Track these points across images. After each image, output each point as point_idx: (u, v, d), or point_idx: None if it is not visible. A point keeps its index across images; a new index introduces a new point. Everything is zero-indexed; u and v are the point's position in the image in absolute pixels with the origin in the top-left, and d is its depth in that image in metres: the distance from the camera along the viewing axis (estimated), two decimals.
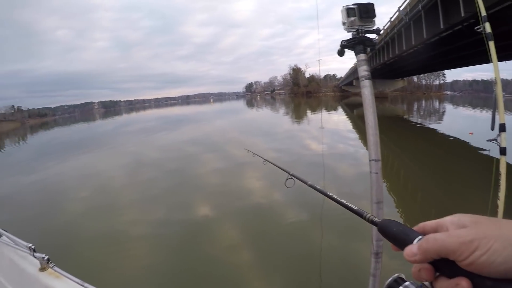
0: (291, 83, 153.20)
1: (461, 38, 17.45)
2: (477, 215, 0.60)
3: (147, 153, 17.83)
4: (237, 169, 12.23)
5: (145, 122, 47.85)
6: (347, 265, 5.41)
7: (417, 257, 0.60)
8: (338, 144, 17.25)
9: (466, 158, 13.21)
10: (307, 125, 29.42)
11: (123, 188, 11.01)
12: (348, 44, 1.71)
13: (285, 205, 8.18)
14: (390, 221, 0.75)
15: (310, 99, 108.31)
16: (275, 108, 66.09)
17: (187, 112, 72.08)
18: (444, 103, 64.56)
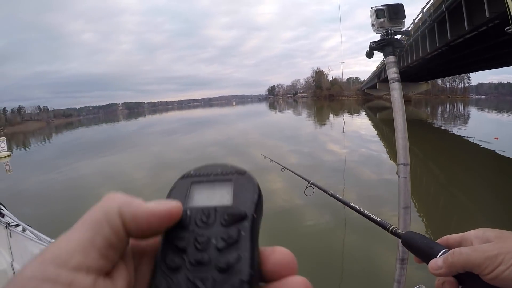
0: (314, 86, 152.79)
1: (486, 40, 17.11)
2: (501, 230, 0.61)
3: (169, 154, 18.05)
4: (258, 173, 12.20)
5: (168, 124, 48.41)
6: (370, 270, 5.34)
7: (442, 271, 0.60)
8: (360, 148, 17.05)
9: (489, 164, 12.90)
10: (330, 129, 29.27)
11: (144, 188, 11.17)
12: (377, 46, 1.70)
13: (306, 207, 8.13)
14: (414, 234, 0.75)
15: (332, 102, 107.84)
16: (297, 111, 66.03)
17: (210, 114, 72.69)
18: (469, 107, 63.18)
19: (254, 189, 0.38)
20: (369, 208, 1.23)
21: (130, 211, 0.33)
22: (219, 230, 0.34)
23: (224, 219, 0.35)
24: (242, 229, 0.34)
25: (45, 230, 2.43)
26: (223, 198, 0.37)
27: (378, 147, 18.06)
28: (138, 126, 50.38)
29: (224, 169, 0.41)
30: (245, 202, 0.36)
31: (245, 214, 0.35)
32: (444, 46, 20.34)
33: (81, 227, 0.31)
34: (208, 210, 0.36)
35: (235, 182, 0.39)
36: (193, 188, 0.39)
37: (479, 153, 15.59)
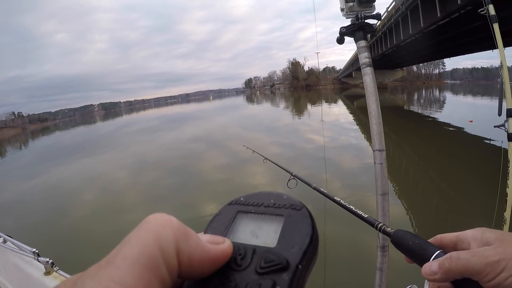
0: (290, 77, 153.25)
1: (459, 26, 17.37)
2: (501, 231, 0.56)
3: (149, 153, 17.83)
4: (240, 167, 12.20)
5: (145, 122, 47.83)
6: (353, 261, 5.40)
7: (438, 276, 0.55)
8: (340, 136, 17.22)
9: (468, 146, 13.18)
10: (308, 119, 29.40)
11: (126, 189, 10.99)
12: (347, 31, 1.65)
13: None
14: (405, 233, 0.69)
15: (309, 92, 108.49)
16: (275, 102, 66.16)
17: (188, 111, 72.15)
18: (444, 92, 64.49)
19: (308, 232, 0.31)
20: (352, 195, 1.23)
21: (188, 250, 0.28)
22: (251, 277, 0.28)
23: (260, 266, 0.29)
24: (278, 283, 0.27)
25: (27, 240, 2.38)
26: (268, 237, 0.32)
27: (357, 134, 18.28)
28: (116, 126, 49.58)
29: (277, 200, 0.35)
30: (291, 247, 0.30)
31: (287, 264, 0.28)
32: (418, 33, 20.62)
33: (132, 265, 0.25)
34: (246, 249, 0.31)
35: (286, 219, 0.33)
36: (238, 219, 0.35)
37: (455, 136, 15.92)
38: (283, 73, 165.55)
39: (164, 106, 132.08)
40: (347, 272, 5.08)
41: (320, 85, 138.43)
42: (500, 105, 3.26)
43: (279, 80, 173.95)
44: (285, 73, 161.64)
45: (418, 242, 0.63)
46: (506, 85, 3.23)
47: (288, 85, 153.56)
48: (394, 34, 25.38)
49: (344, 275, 5.04)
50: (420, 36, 21.54)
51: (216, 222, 0.36)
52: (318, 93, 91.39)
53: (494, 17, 3.30)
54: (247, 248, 0.31)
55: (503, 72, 3.28)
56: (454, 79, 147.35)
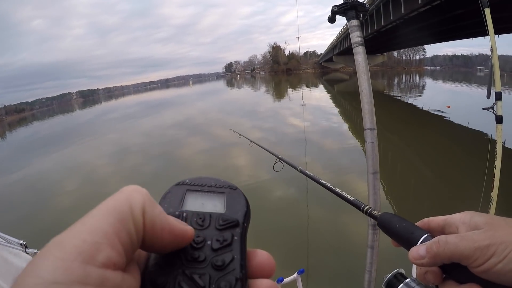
0: (271, 61, 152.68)
1: (440, 14, 17.53)
2: (491, 215, 0.55)
3: (130, 140, 17.63)
4: (223, 151, 12.18)
5: (125, 109, 47.08)
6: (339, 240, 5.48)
7: (425, 261, 0.54)
8: (321, 120, 17.37)
9: (450, 130, 13.46)
10: (289, 103, 29.50)
11: (109, 177, 10.88)
12: (339, 10, 1.63)
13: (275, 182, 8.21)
14: (392, 216, 0.68)
15: (290, 76, 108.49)
16: (255, 87, 66.06)
17: (167, 96, 71.47)
18: (424, 78, 65.48)
19: (244, 203, 0.41)
20: (336, 176, 1.23)
21: (152, 215, 0.32)
22: (214, 233, 0.37)
23: (219, 224, 0.38)
24: (235, 234, 0.37)
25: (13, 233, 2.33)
26: (217, 207, 0.40)
27: (338, 118, 18.47)
28: (95, 115, 48.65)
29: (217, 182, 0.43)
30: (236, 212, 0.39)
31: (237, 222, 0.38)
32: (399, 19, 20.71)
33: (105, 216, 0.29)
34: (204, 214, 0.39)
35: (227, 194, 0.42)
36: (188, 195, 0.41)
37: (433, 120, 16.23)
38: (264, 57, 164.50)
39: (144, 92, 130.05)
40: (330, 252, 5.17)
41: (300, 69, 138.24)
42: (489, 88, 3.31)
43: (259, 64, 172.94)
44: (266, 57, 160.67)
45: (405, 226, 0.62)
46: (495, 69, 3.26)
47: (269, 69, 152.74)
48: (375, 20, 25.44)
49: (327, 255, 5.14)
50: (401, 23, 21.68)
51: (168, 198, 0.41)
52: (298, 78, 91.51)
53: (486, 2, 3.29)
54: (204, 214, 0.39)
55: (493, 57, 3.28)
56: (434, 66, 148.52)
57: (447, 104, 18.87)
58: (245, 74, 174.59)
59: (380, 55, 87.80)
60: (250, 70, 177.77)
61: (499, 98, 3.23)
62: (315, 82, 62.12)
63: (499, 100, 3.23)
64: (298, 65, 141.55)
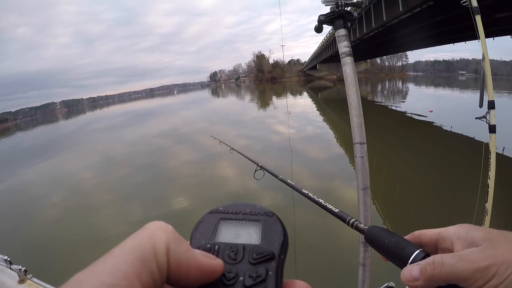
0: (256, 70, 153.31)
1: (421, 20, 17.84)
2: (487, 228, 0.51)
3: (116, 150, 17.41)
4: (208, 160, 12.15)
5: (110, 119, 46.58)
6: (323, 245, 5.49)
7: (419, 283, 0.50)
8: (307, 127, 17.46)
9: (424, 134, 13.65)
10: (274, 111, 29.57)
11: (95, 189, 10.65)
12: (326, 19, 1.58)
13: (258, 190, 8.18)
14: (381, 230, 0.63)
15: (275, 84, 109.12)
16: (240, 95, 66.28)
17: (152, 106, 70.99)
18: (407, 83, 66.47)
19: (281, 231, 0.39)
20: (322, 183, 1.22)
21: (177, 253, 0.31)
22: (247, 267, 0.34)
23: (252, 258, 0.35)
24: (270, 269, 0.34)
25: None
26: (251, 237, 0.38)
27: (323, 124, 18.59)
28: (79, 125, 48.02)
29: (252, 209, 0.41)
30: (272, 243, 0.37)
31: (273, 255, 0.35)
32: (380, 27, 21.07)
33: (126, 255, 0.28)
34: (237, 247, 0.37)
35: (263, 222, 0.40)
36: (222, 225, 0.40)
37: (416, 125, 16.47)
38: (249, 66, 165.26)
39: (128, 102, 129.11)
40: (319, 266, 5.16)
41: (285, 77, 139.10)
42: (482, 97, 3.27)
43: (244, 73, 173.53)
44: (251, 66, 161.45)
45: (395, 241, 0.58)
46: (487, 77, 3.24)
47: (254, 78, 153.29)
48: (357, 28, 25.74)
49: (314, 260, 5.14)
50: (382, 30, 22.00)
51: (201, 227, 0.40)
52: (283, 86, 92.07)
53: (477, 9, 3.28)
54: (237, 246, 0.37)
55: (485, 65, 3.25)
56: (417, 71, 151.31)
57: (430, 108, 19.16)
58: (230, 83, 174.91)
59: (364, 62, 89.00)
60: (234, 79, 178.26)
61: (492, 107, 3.21)
62: (300, 90, 62.57)
63: (492, 109, 3.20)
64: (283, 73, 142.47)
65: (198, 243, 0.37)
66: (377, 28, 21.72)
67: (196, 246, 0.37)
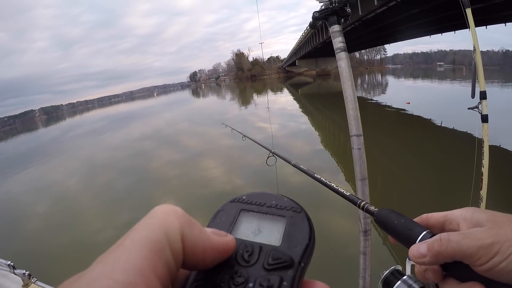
0: (235, 68, 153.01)
1: (397, 14, 18.11)
2: (492, 210, 0.54)
3: (99, 155, 17.17)
4: (195, 160, 12.17)
5: (91, 124, 45.70)
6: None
7: (426, 259, 0.52)
8: (289, 123, 17.59)
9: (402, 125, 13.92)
10: (255, 108, 29.62)
11: (80, 195, 10.49)
12: (320, 16, 1.63)
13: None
14: (390, 212, 0.65)
15: (255, 82, 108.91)
16: (221, 94, 66.11)
17: (133, 109, 70.09)
18: (386, 76, 67.16)
19: (307, 233, 0.35)
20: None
21: (192, 237, 0.30)
22: (259, 273, 0.31)
23: (267, 263, 0.32)
24: (285, 279, 0.30)
25: None
26: (272, 236, 0.35)
27: (305, 120, 18.75)
28: (60, 131, 47.02)
29: (279, 202, 0.38)
30: (294, 246, 0.33)
31: (291, 262, 0.32)
32: (357, 21, 21.29)
33: (139, 249, 0.26)
34: (253, 246, 0.34)
35: (288, 219, 0.36)
36: (242, 216, 0.38)
37: (394, 116, 16.77)
38: (228, 65, 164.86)
39: (109, 106, 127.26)
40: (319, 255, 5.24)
41: (265, 74, 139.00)
42: (473, 87, 3.32)
43: (224, 72, 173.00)
44: (230, 65, 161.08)
45: (404, 222, 0.60)
46: (479, 68, 3.28)
47: (233, 77, 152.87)
48: None
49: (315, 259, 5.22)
50: (359, 24, 22.24)
51: (219, 218, 0.38)
52: (263, 83, 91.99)
53: (467, 2, 3.32)
54: (253, 245, 0.34)
55: (476, 56, 3.29)
56: (396, 64, 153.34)
57: (408, 100, 19.50)
58: (210, 82, 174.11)
59: None
60: (215, 78, 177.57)
61: (484, 97, 3.28)
62: (280, 87, 62.62)
63: (484, 100, 3.28)
64: (262, 70, 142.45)
65: None
66: (354, 23, 21.97)
67: None
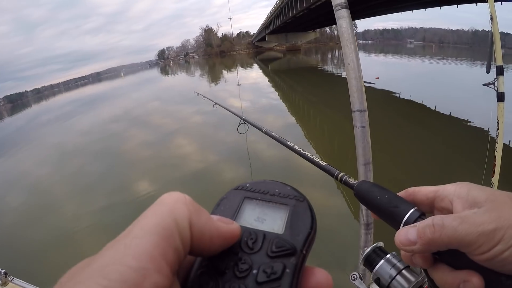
0: (204, 45, 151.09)
1: None
2: (490, 188, 0.48)
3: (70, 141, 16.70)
4: (167, 139, 12.13)
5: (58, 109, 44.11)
6: None
7: (416, 247, 0.45)
8: (261, 99, 17.65)
9: (372, 100, 14.19)
10: (225, 85, 29.50)
11: (54, 185, 10.06)
12: None
13: None
14: (372, 185, 0.59)
15: (224, 58, 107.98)
16: (190, 72, 65.27)
17: (101, 91, 68.32)
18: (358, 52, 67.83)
19: (309, 221, 0.35)
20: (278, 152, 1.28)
21: (199, 224, 0.31)
22: (263, 260, 0.32)
23: (271, 250, 0.33)
24: (288, 266, 0.31)
25: None
26: (275, 224, 0.36)
27: (276, 96, 18.83)
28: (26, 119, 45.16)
29: (282, 190, 0.39)
30: (297, 235, 0.34)
31: (294, 250, 0.33)
32: None
33: (150, 236, 0.27)
34: (256, 234, 0.34)
35: (291, 208, 0.37)
36: (246, 204, 0.38)
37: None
38: (197, 41, 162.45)
39: (75, 89, 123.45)
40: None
41: (234, 50, 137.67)
42: (489, 62, 3.01)
43: (193, 48, 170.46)
44: (199, 41, 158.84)
45: (388, 197, 0.54)
46: (496, 41, 2.93)
47: (203, 53, 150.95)
48: None
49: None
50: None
51: (223, 205, 0.38)
52: (233, 59, 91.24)
53: None
54: (257, 233, 0.34)
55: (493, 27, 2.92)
56: (366, 40, 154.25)
57: (377, 76, 19.78)
58: (179, 59, 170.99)
59: (313, 31, 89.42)
60: (183, 55, 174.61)
61: (501, 73, 2.90)
62: (250, 62, 62.47)
63: (500, 75, 2.90)
64: (232, 46, 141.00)
65: None
66: None
67: None
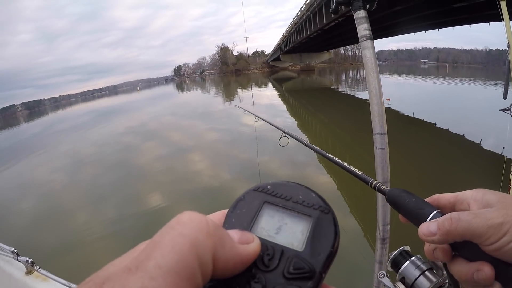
0: (220, 63, 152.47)
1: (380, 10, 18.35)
2: (503, 193, 0.54)
3: (84, 150, 16.81)
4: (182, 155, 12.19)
5: (74, 119, 44.52)
6: None
7: (436, 238, 0.52)
8: (275, 118, 17.68)
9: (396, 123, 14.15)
10: (240, 103, 29.65)
11: (65, 193, 10.22)
12: (344, 0, 1.52)
13: None
14: (401, 191, 0.65)
15: (239, 77, 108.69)
16: (205, 89, 65.79)
17: (117, 103, 68.94)
18: None
19: (332, 238, 0.33)
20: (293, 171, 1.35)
21: (224, 257, 0.28)
22: (278, 281, 0.29)
23: (288, 271, 0.30)
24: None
25: None
26: (295, 238, 0.33)
27: (287, 114, 18.98)
28: (42, 127, 45.61)
29: (306, 197, 0.36)
30: (318, 254, 0.31)
31: (313, 273, 0.30)
32: (341, 17, 21.45)
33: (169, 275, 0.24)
34: (274, 249, 0.32)
35: (314, 220, 0.34)
36: (265, 210, 0.35)
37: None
38: (213, 59, 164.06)
39: (92, 100, 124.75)
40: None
41: (249, 69, 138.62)
42: (506, 88, 2.98)
43: (208, 66, 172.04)
44: (215, 59, 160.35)
45: (415, 201, 0.60)
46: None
47: (218, 71, 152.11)
48: (318, 18, 26.18)
49: None
50: (343, 20, 22.43)
51: (240, 208, 0.35)
52: (248, 78, 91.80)
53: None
54: (275, 248, 0.32)
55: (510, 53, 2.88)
56: (380, 60, 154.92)
57: (389, 97, 19.79)
58: (195, 76, 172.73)
59: (327, 52, 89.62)
60: (199, 72, 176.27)
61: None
62: (264, 82, 62.82)
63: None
64: (247, 65, 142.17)
65: (232, 228, 0.33)
66: (337, 19, 22.23)
67: None
